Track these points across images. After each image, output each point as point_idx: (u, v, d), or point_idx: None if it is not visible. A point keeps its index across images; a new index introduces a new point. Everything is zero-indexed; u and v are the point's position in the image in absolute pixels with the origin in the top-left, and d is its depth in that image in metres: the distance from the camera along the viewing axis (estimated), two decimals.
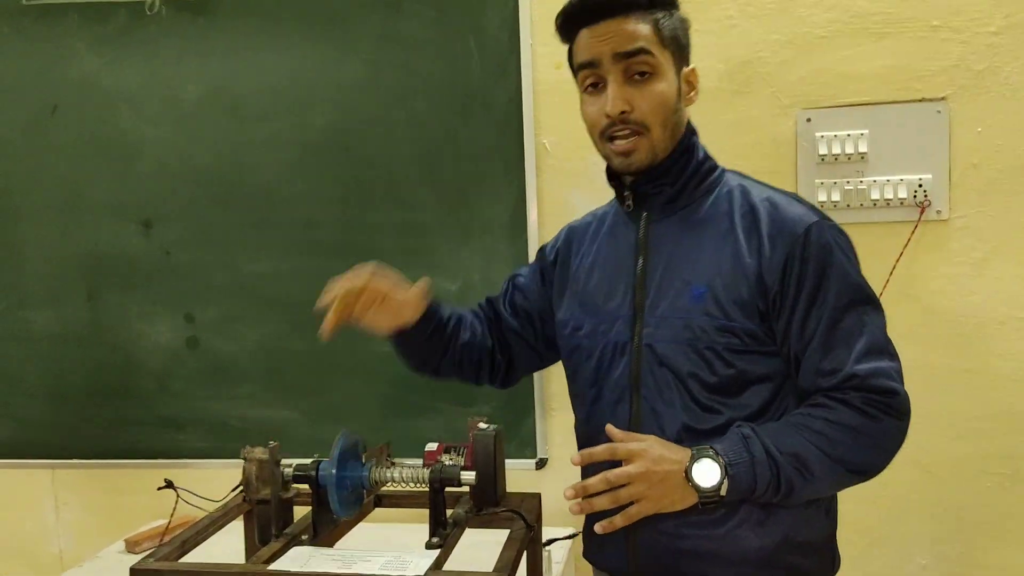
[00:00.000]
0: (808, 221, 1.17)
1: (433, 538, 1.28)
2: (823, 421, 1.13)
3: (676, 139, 1.22)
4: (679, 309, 1.19)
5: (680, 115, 1.23)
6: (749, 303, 1.16)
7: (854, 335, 1.14)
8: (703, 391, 1.18)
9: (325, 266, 2.06)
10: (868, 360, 1.13)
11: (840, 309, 1.14)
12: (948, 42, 1.83)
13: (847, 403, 1.13)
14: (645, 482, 1.13)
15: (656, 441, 1.16)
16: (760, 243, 1.17)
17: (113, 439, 2.23)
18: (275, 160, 2.10)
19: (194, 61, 2.10)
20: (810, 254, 1.15)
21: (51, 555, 2.34)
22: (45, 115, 2.17)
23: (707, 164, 1.26)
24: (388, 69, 2.03)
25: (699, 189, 1.24)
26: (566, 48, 1.28)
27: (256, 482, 1.35)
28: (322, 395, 2.12)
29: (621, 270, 1.28)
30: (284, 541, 1.31)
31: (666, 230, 1.25)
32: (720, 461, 1.11)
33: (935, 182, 1.85)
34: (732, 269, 1.17)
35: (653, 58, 1.18)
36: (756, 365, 1.18)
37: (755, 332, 1.17)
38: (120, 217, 2.17)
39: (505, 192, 2.00)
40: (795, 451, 1.12)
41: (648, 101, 1.18)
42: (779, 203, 1.20)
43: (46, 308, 2.23)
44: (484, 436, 1.33)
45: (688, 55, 1.25)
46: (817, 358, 1.15)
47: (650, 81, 1.18)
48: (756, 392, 1.19)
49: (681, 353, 1.19)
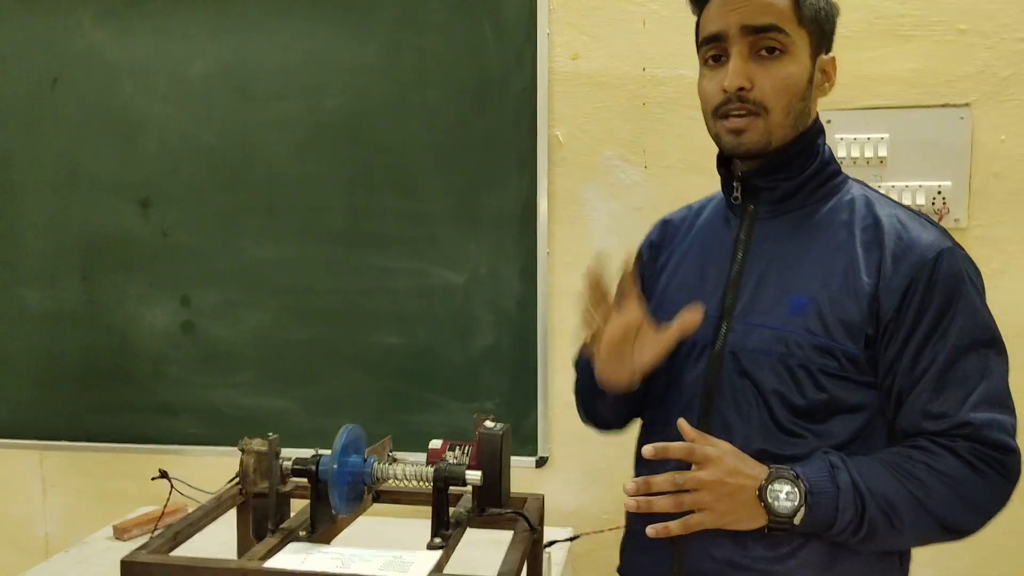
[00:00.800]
0: (941, 247, 1.06)
1: (435, 539, 1.24)
2: (924, 467, 1.02)
3: (798, 130, 1.10)
4: (774, 318, 1.08)
5: (807, 104, 1.10)
6: (857, 325, 1.05)
7: (972, 379, 1.03)
8: (787, 412, 1.07)
9: (329, 253, 2.05)
10: (985, 409, 1.02)
11: (962, 349, 1.03)
12: (975, 47, 1.79)
13: (954, 452, 1.02)
14: (714, 492, 1.03)
15: (732, 450, 1.06)
16: (882, 262, 1.05)
17: (105, 422, 2.19)
18: (282, 142, 2.05)
19: (202, 36, 2.05)
20: (937, 283, 1.03)
21: (37, 539, 2.29)
22: (45, 88, 2.12)
23: (831, 167, 1.14)
24: (403, 53, 1.98)
25: (818, 192, 1.13)
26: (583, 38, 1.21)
27: (254, 475, 1.31)
28: (320, 385, 2.08)
29: (713, 267, 1.17)
30: (280, 536, 1.27)
31: (772, 230, 1.13)
32: (801, 487, 1.00)
33: (955, 190, 1.82)
34: (843, 285, 1.06)
35: (786, 36, 1.06)
36: (849, 393, 1.07)
37: (856, 357, 1.05)
38: (118, 195, 2.12)
39: (516, 183, 1.95)
40: (886, 492, 1.01)
41: (772, 80, 1.06)
42: (908, 223, 1.09)
43: (40, 286, 2.18)
44: (491, 435, 1.28)
45: (830, 41, 1.12)
46: (926, 398, 1.03)
47: (779, 60, 1.07)
48: (844, 422, 1.07)
49: (768, 367, 1.08)
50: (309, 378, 2.08)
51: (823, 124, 1.15)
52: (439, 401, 2.01)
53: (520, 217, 1.96)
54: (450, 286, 1.99)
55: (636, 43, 1.90)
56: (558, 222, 1.96)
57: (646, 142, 1.91)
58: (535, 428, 2.00)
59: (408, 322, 2.01)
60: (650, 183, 1.92)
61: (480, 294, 1.98)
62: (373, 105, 1.99)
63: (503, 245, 1.97)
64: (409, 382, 2.03)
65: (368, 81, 1.99)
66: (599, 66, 1.92)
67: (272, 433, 1.33)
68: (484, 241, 1.97)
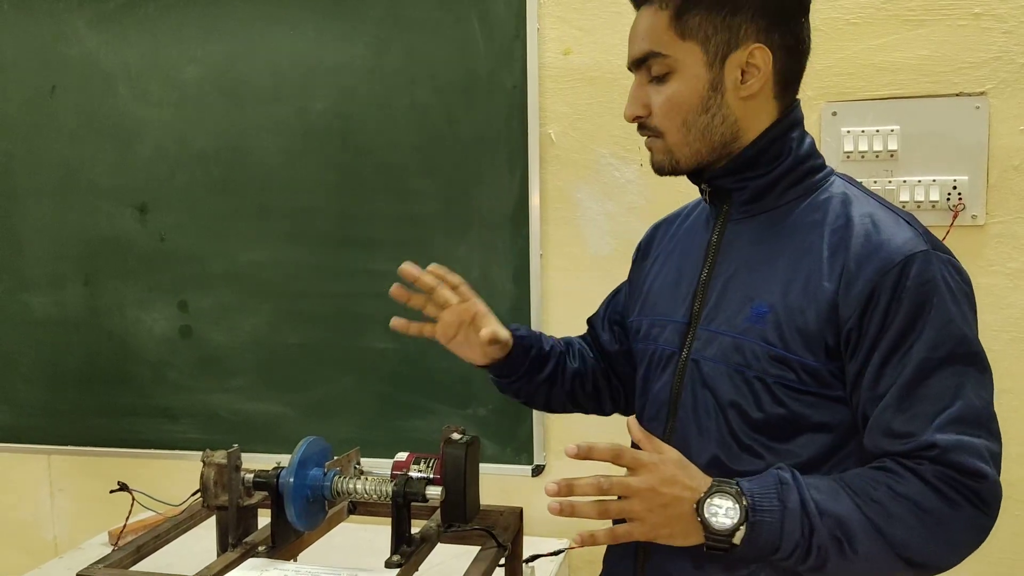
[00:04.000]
0: (912, 249, 0.96)
1: (394, 556, 1.20)
2: (886, 489, 0.92)
3: (718, 140, 1.04)
4: (734, 327, 1.03)
5: (719, 113, 1.03)
6: (815, 335, 0.98)
7: (944, 398, 0.93)
8: (745, 427, 1.02)
9: (321, 257, 2.02)
10: (954, 430, 0.92)
11: (931, 363, 0.93)
12: (990, 32, 1.68)
13: (919, 475, 0.92)
14: (645, 502, 0.94)
15: (676, 458, 0.98)
16: (845, 266, 0.97)
17: (109, 427, 2.20)
18: (274, 146, 2.02)
19: (194, 42, 2.04)
20: (905, 290, 0.94)
21: (45, 541, 2.32)
22: (44, 95, 2.13)
23: (809, 163, 1.06)
24: (390, 53, 1.94)
25: (792, 190, 1.06)
26: (575, 33, 1.18)
27: (214, 487, 1.28)
28: (314, 390, 2.05)
29: (687, 272, 1.14)
30: (242, 551, 1.24)
31: (743, 232, 1.08)
32: (742, 503, 0.91)
33: (971, 184, 1.71)
34: (804, 291, 0.99)
35: (664, 59, 1.03)
36: (813, 409, 0.99)
37: (815, 370, 0.98)
38: (116, 201, 2.12)
39: (507, 183, 1.90)
40: (840, 515, 0.91)
41: (659, 104, 1.04)
42: (882, 222, 1.00)
43: (44, 292, 2.20)
44: (454, 448, 1.23)
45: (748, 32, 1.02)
46: (889, 416, 0.94)
47: (667, 81, 1.04)
48: (809, 441, 1.00)
49: (726, 377, 1.03)
50: (303, 383, 2.06)
51: (800, 117, 1.08)
52: (432, 407, 1.97)
53: (512, 218, 1.90)
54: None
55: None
56: (551, 222, 1.90)
57: (640, 139, 1.80)
58: (530, 436, 1.95)
59: None
60: (645, 181, 1.85)
61: None
62: (362, 106, 1.96)
63: (495, 247, 1.91)
64: (402, 387, 1.99)
65: (356, 82, 1.96)
66: (591, 61, 1.85)
67: (235, 444, 1.30)
68: (476, 243, 1.92)
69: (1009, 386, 1.73)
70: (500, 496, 1.45)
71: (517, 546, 1.41)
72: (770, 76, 1.04)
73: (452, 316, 1.21)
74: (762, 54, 1.02)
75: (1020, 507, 1.75)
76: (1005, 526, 1.73)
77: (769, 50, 1.02)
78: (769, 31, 1.03)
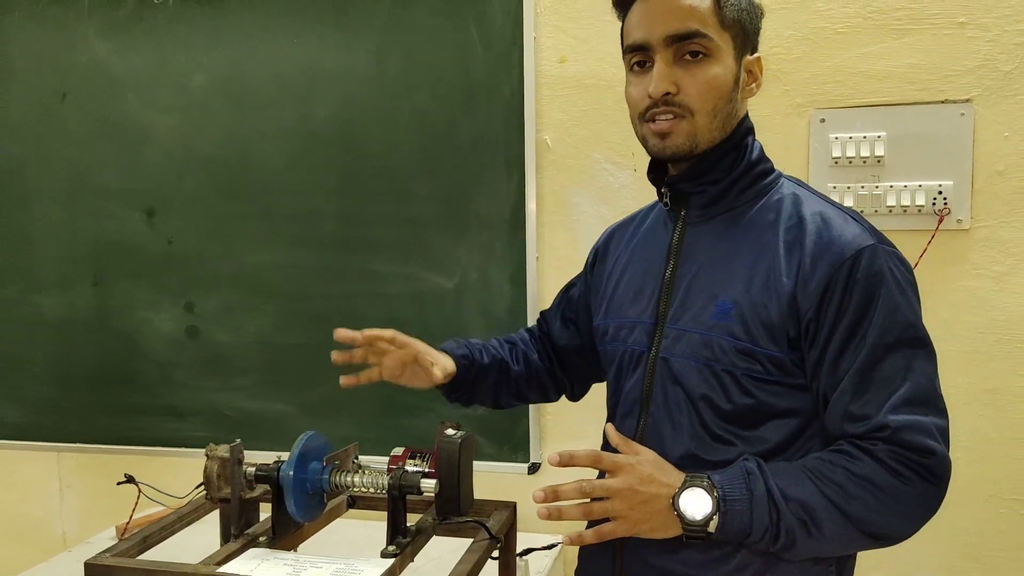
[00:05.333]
0: (861, 244, 1.03)
1: (389, 546, 1.24)
2: (843, 471, 0.99)
3: (725, 132, 1.10)
4: (701, 324, 1.08)
5: (733, 106, 1.10)
6: (778, 328, 1.04)
7: (895, 381, 1.00)
8: (715, 418, 1.08)
9: (323, 259, 2.07)
10: (905, 411, 0.99)
11: (882, 348, 1.00)
12: (975, 40, 1.72)
13: (873, 455, 0.99)
14: (625, 501, 1.02)
15: (652, 459, 1.06)
16: (801, 262, 1.04)
17: (117, 425, 2.25)
18: (278, 151, 2.08)
19: (201, 50, 2.09)
20: (856, 282, 1.01)
21: (55, 537, 2.37)
22: (55, 101, 2.19)
23: (760, 167, 1.13)
24: (391, 60, 1.99)
25: (746, 193, 1.12)
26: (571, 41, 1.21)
27: (217, 480, 1.32)
28: (317, 389, 2.10)
29: (650, 274, 1.18)
30: (244, 542, 1.29)
31: (703, 234, 1.13)
32: (714, 494, 0.99)
33: (956, 189, 1.75)
34: (764, 287, 1.05)
35: (709, 40, 1.06)
36: (779, 398, 1.06)
37: (780, 361, 1.05)
38: (125, 204, 2.18)
39: (505, 188, 1.95)
40: (803, 499, 0.98)
41: (697, 83, 1.06)
42: (832, 220, 1.06)
43: (55, 293, 2.25)
44: (449, 443, 1.28)
45: (755, 42, 1.12)
46: (846, 400, 1.01)
47: (703, 63, 1.06)
48: (776, 427, 1.06)
49: (696, 372, 1.08)
50: (307, 382, 2.11)
51: (752, 124, 1.15)
52: (431, 406, 2.02)
53: (509, 221, 1.95)
54: (441, 291, 1.99)
55: None
56: (547, 226, 1.95)
57: (634, 145, 1.83)
58: (527, 435, 1.99)
59: (401, 326, 1.97)
60: (639, 186, 1.89)
61: (470, 299, 1.98)
62: (363, 112, 2.01)
63: (493, 250, 1.96)
64: (401, 387, 2.03)
65: (358, 89, 2.01)
66: (586, 69, 1.90)
67: (238, 438, 1.35)
68: (474, 246, 1.97)
69: (994, 386, 1.77)
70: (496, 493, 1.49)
71: (511, 540, 1.44)
72: (760, 85, 1.14)
73: (393, 360, 1.35)
74: (760, 64, 1.13)
75: (1007, 504, 1.78)
76: (991, 523, 1.77)
77: None
78: (756, 45, 1.14)
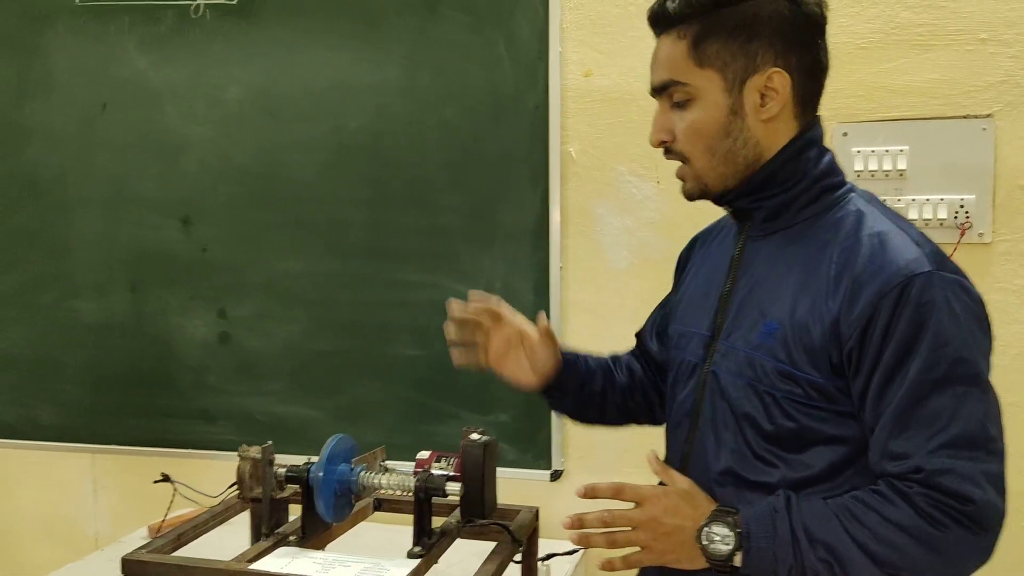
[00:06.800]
0: (914, 270, 0.97)
1: (415, 547, 1.28)
2: (876, 515, 0.96)
3: (743, 162, 1.07)
4: (748, 343, 1.07)
5: (737, 138, 1.06)
6: (819, 353, 1.00)
7: (939, 420, 0.95)
8: (757, 437, 1.06)
9: (352, 268, 2.12)
10: (947, 454, 0.94)
11: (927, 384, 0.95)
12: (996, 56, 1.73)
13: (908, 499, 0.95)
14: (648, 532, 1.02)
15: (683, 488, 1.06)
16: (848, 286, 0.99)
17: (150, 427, 2.30)
18: (310, 161, 2.13)
19: (236, 63, 2.15)
20: (903, 311, 0.96)
21: (87, 537, 2.43)
22: (96, 112, 2.26)
23: (826, 181, 1.08)
24: (421, 73, 2.04)
25: (809, 208, 1.08)
26: (596, 55, 1.23)
27: (249, 480, 1.37)
28: (345, 395, 2.14)
29: (713, 285, 1.17)
30: (274, 540, 1.33)
31: (762, 250, 1.11)
32: (737, 531, 0.98)
33: (978, 203, 1.76)
34: (810, 310, 1.01)
35: (684, 87, 1.06)
36: (824, 423, 1.02)
37: (822, 387, 1.01)
38: (162, 213, 2.24)
39: (530, 199, 1.98)
40: (829, 541, 0.96)
41: (682, 130, 1.08)
42: (890, 242, 1.00)
43: (92, 298, 2.31)
44: (474, 447, 1.31)
45: (765, 57, 1.05)
46: (885, 436, 0.97)
47: (688, 108, 1.07)
48: (821, 454, 1.03)
49: (741, 390, 1.07)
50: (334, 388, 2.15)
51: (817, 135, 1.10)
52: (456, 412, 2.06)
53: (534, 232, 1.99)
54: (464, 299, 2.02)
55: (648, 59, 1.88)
56: (571, 236, 1.98)
57: (658, 157, 1.85)
58: (549, 441, 2.02)
59: (426, 334, 2.06)
60: (662, 198, 1.92)
61: None
62: (393, 125, 2.06)
63: (517, 260, 2.00)
64: (427, 393, 2.08)
65: (388, 102, 2.06)
66: (611, 83, 1.93)
67: (269, 440, 1.39)
68: (499, 256, 2.01)
69: (1015, 400, 1.76)
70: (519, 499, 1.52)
71: (533, 544, 1.47)
72: (789, 98, 1.06)
73: (499, 340, 1.28)
74: (780, 78, 1.05)
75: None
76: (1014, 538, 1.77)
77: (787, 73, 1.05)
78: (786, 54, 1.05)
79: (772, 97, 1.06)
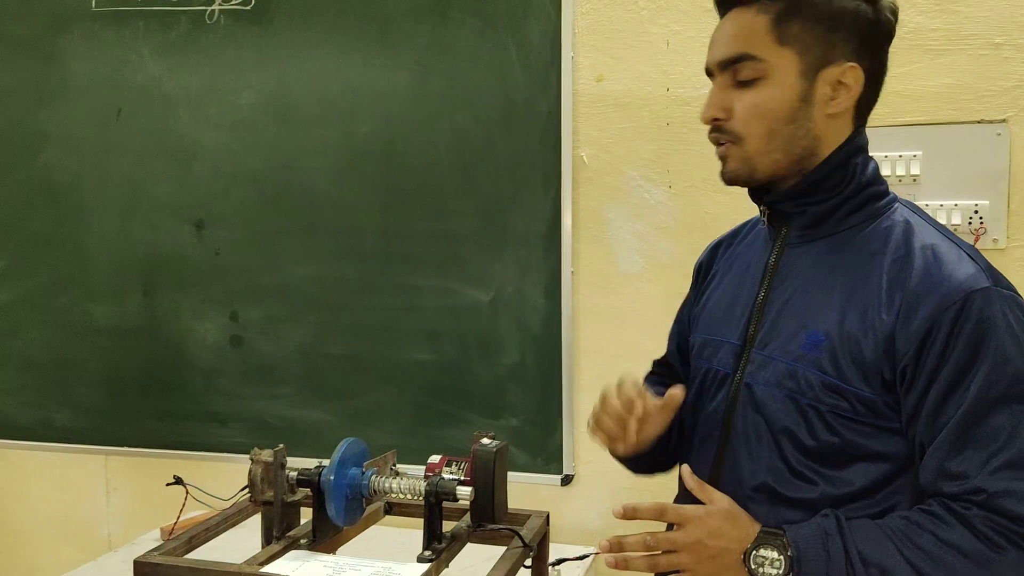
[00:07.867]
0: (973, 286, 0.95)
1: (426, 551, 1.28)
2: (931, 536, 0.93)
3: (796, 154, 1.04)
4: (789, 353, 1.03)
5: (804, 126, 1.03)
6: (871, 367, 0.97)
7: (998, 439, 0.93)
8: (796, 453, 1.02)
9: (363, 272, 2.13)
10: (1006, 475, 0.92)
11: (987, 402, 0.93)
12: (1011, 61, 1.72)
13: (966, 521, 0.93)
14: (692, 555, 0.99)
15: (724, 508, 1.02)
16: (904, 300, 0.96)
17: (163, 430, 2.32)
18: (322, 166, 2.14)
19: (249, 69, 2.17)
20: (963, 327, 0.93)
21: (100, 538, 2.44)
22: (111, 117, 2.28)
23: (872, 189, 1.05)
24: (433, 78, 2.05)
25: (853, 217, 1.05)
26: (608, 60, 1.18)
27: (261, 483, 1.37)
28: (356, 399, 2.15)
29: (743, 293, 1.13)
30: (285, 544, 1.33)
31: (802, 257, 1.07)
32: (787, 554, 0.95)
33: (992, 208, 1.75)
34: (860, 322, 0.98)
35: (759, 63, 1.02)
36: (869, 439, 0.99)
37: (872, 402, 0.98)
38: (176, 217, 2.25)
39: (541, 204, 1.99)
40: (883, 564, 0.93)
41: (745, 108, 1.03)
42: (944, 256, 0.98)
43: (106, 301, 2.33)
44: (484, 452, 1.31)
45: (843, 50, 1.02)
46: (942, 455, 0.94)
47: (755, 86, 1.03)
48: (863, 470, 1.00)
49: (779, 403, 1.03)
50: (346, 392, 2.16)
51: (864, 142, 1.08)
52: (467, 416, 2.06)
53: (545, 237, 1.99)
54: (477, 304, 2.04)
55: (660, 64, 1.91)
56: (582, 241, 1.98)
57: (670, 162, 1.91)
58: (560, 446, 2.02)
59: (437, 339, 2.07)
60: (674, 203, 1.92)
61: (506, 312, 2.02)
62: (405, 130, 2.07)
63: (528, 264, 2.00)
64: (438, 397, 2.08)
65: (400, 107, 2.07)
66: (623, 87, 1.94)
67: (281, 444, 1.40)
68: (510, 261, 2.01)
69: None
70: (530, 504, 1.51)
71: (543, 548, 1.47)
72: (856, 98, 1.04)
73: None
74: (855, 74, 1.03)
75: None
76: None
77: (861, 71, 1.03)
78: (860, 53, 1.03)
79: (843, 92, 1.03)
